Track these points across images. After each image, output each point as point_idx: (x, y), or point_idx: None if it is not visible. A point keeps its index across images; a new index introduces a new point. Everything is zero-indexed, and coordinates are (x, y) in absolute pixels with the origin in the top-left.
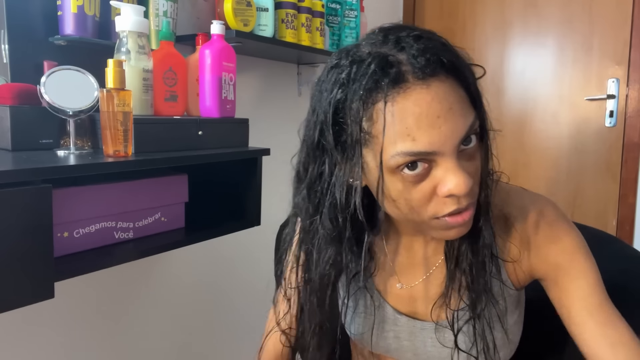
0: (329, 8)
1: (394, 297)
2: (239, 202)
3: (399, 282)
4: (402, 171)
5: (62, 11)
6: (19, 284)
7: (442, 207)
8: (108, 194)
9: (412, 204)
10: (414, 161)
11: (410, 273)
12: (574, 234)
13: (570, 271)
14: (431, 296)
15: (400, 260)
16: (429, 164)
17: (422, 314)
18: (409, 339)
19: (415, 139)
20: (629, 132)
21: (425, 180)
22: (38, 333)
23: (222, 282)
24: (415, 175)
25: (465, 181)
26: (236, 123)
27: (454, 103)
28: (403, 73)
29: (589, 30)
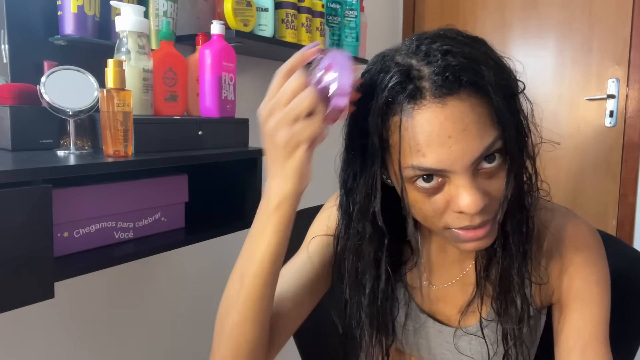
0: (329, 8)
1: (419, 294)
2: (239, 202)
3: (427, 280)
4: (416, 182)
5: (62, 11)
6: (19, 283)
7: (454, 221)
8: (108, 194)
9: (426, 214)
10: (429, 174)
11: (439, 274)
12: (600, 265)
13: (579, 299)
14: (455, 301)
15: (431, 260)
16: (443, 179)
17: (442, 316)
18: (426, 337)
19: (425, 156)
20: (629, 132)
21: (439, 193)
22: (38, 333)
23: (222, 282)
24: (429, 187)
25: (476, 201)
26: (236, 123)
27: (469, 124)
28: (421, 89)
29: (588, 31)
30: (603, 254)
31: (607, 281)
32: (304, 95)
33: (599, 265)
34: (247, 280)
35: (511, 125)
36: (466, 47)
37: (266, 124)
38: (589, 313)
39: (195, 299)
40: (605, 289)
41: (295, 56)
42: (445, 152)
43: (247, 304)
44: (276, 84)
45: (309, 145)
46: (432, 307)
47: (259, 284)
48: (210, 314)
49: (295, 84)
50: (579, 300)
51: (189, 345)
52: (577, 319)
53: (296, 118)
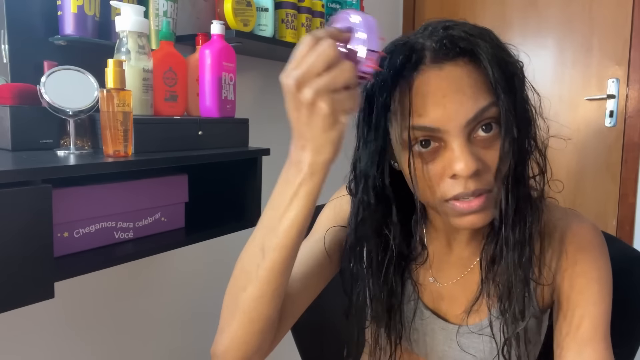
0: (329, 8)
1: (423, 290)
2: (239, 202)
3: (432, 277)
4: (415, 147)
5: (62, 11)
6: (19, 284)
7: (449, 188)
8: (108, 194)
9: (426, 183)
10: (426, 139)
11: (444, 270)
12: (601, 264)
13: (579, 297)
14: (460, 299)
15: (436, 256)
16: (439, 144)
17: (445, 314)
18: (429, 334)
19: (422, 115)
20: (629, 132)
21: (437, 159)
22: (38, 333)
23: (222, 282)
24: (426, 153)
25: (468, 162)
26: (236, 123)
27: (464, 86)
28: (422, 57)
29: (589, 31)
30: (606, 253)
31: (608, 280)
32: (344, 68)
33: (600, 263)
34: (270, 253)
35: (508, 97)
36: (468, 26)
37: (300, 93)
38: (589, 312)
39: (195, 298)
40: (607, 287)
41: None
42: (440, 111)
43: (268, 278)
44: (302, 51)
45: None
46: (437, 304)
47: (282, 256)
48: (210, 313)
49: (327, 52)
50: (580, 298)
51: (189, 345)
52: (577, 318)
53: (337, 89)
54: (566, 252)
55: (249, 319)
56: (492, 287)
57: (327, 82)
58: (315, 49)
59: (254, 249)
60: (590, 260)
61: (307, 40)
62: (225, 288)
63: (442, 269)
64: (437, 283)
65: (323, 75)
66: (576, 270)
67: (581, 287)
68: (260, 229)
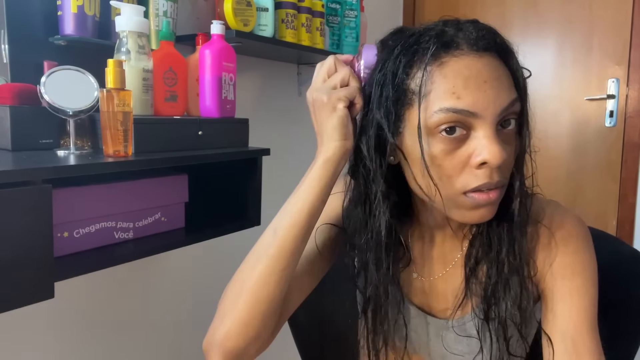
0: (329, 8)
1: (408, 286)
2: (239, 202)
3: (416, 272)
4: (440, 133)
5: (62, 11)
6: (19, 284)
7: (473, 178)
8: (108, 194)
9: (445, 173)
10: (452, 126)
11: (428, 266)
12: (586, 255)
13: (564, 290)
14: (444, 293)
15: (419, 252)
16: (467, 132)
17: (431, 309)
18: (415, 330)
19: (460, 98)
20: (629, 132)
21: (461, 148)
22: (38, 333)
23: (222, 282)
24: (453, 139)
25: (500, 151)
26: (236, 123)
27: (502, 76)
28: (458, 42)
29: (589, 31)
30: (590, 244)
31: (593, 271)
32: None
33: (585, 255)
34: (280, 232)
35: (526, 97)
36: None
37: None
38: (575, 304)
39: (195, 299)
40: (592, 279)
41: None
42: (480, 95)
43: (278, 256)
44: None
45: (346, 103)
46: (423, 300)
47: (293, 235)
48: (210, 313)
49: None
50: (565, 291)
51: (189, 345)
52: (560, 310)
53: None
54: (551, 245)
55: (255, 299)
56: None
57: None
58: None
59: (267, 232)
60: (575, 252)
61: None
62: (224, 288)
63: (425, 264)
64: (422, 278)
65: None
66: (561, 263)
67: (566, 280)
68: (277, 215)
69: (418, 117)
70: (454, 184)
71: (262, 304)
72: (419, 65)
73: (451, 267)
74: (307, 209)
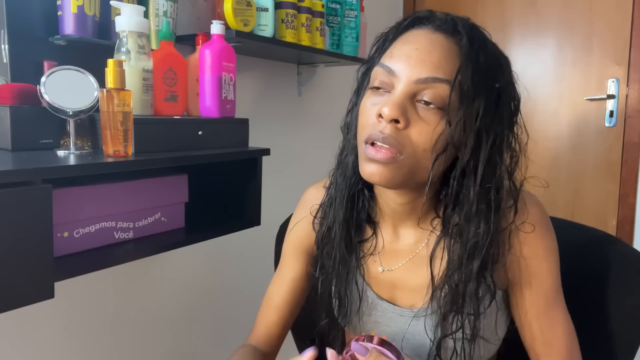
0: (329, 8)
1: (376, 282)
2: (239, 202)
3: (381, 266)
4: (370, 88)
5: (62, 11)
6: (19, 284)
7: (372, 128)
8: (108, 194)
9: (361, 122)
10: (380, 86)
11: (392, 257)
12: (549, 238)
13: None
14: (410, 283)
15: (384, 244)
16: (389, 92)
17: (400, 301)
18: (387, 324)
19: (392, 57)
20: (629, 132)
21: (378, 104)
22: (38, 333)
23: (222, 282)
24: (376, 95)
25: (392, 104)
26: (236, 123)
27: (438, 54)
28: (424, 21)
29: (589, 31)
30: (549, 226)
31: (555, 251)
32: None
33: (546, 238)
34: None
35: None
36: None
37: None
38: (541, 286)
39: (194, 299)
40: (554, 260)
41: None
42: (405, 58)
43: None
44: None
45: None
46: (390, 293)
47: None
48: (209, 313)
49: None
50: (533, 277)
51: (189, 345)
52: (529, 296)
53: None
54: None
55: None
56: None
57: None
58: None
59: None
60: (538, 238)
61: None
62: (224, 288)
63: (389, 256)
64: (386, 269)
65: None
66: (526, 252)
67: (533, 267)
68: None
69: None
70: (362, 133)
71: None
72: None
73: (414, 255)
74: None
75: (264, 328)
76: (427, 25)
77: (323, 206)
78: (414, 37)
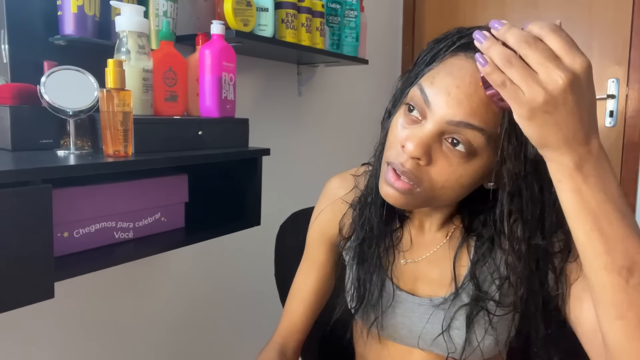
0: (329, 8)
1: (398, 273)
2: (239, 202)
3: (404, 259)
4: (404, 105)
5: (62, 11)
6: (19, 283)
7: (393, 154)
8: (108, 194)
9: (389, 140)
10: (413, 106)
11: (416, 250)
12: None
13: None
14: (432, 275)
15: (407, 238)
16: (421, 118)
17: (421, 291)
18: (405, 314)
19: (432, 84)
20: (629, 132)
21: (408, 128)
22: (38, 333)
23: (222, 282)
24: (408, 117)
25: (417, 143)
26: (236, 123)
27: (476, 97)
28: (473, 47)
29: (589, 30)
30: None
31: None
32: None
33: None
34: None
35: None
36: None
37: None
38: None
39: (194, 298)
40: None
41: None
42: (444, 93)
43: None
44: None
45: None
46: (411, 284)
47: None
48: (209, 313)
49: None
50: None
51: (189, 345)
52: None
53: None
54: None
55: None
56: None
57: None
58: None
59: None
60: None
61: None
62: (224, 288)
63: (412, 249)
64: (409, 261)
65: None
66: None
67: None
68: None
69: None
70: (387, 153)
71: None
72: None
73: (439, 248)
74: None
75: (289, 322)
76: (466, 50)
77: (362, 196)
78: (460, 70)
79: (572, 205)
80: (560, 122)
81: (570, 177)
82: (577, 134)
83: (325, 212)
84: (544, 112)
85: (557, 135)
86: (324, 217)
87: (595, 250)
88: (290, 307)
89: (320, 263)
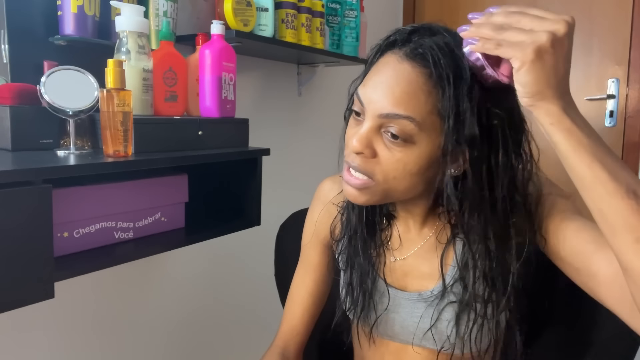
0: (329, 8)
1: (388, 271)
2: (239, 202)
3: (393, 257)
4: (353, 109)
5: (62, 11)
6: (19, 284)
7: (347, 154)
8: (108, 194)
9: (345, 144)
10: (357, 111)
11: (404, 246)
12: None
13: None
14: (421, 269)
15: (396, 236)
16: (363, 118)
17: (410, 286)
18: (396, 310)
19: (364, 87)
20: (629, 132)
21: (355, 129)
22: (38, 333)
23: (222, 282)
24: (355, 121)
25: (358, 138)
26: (236, 123)
27: (401, 88)
28: (398, 44)
29: (589, 30)
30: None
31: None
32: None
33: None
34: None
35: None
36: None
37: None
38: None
39: (195, 298)
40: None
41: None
42: (371, 90)
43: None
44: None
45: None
46: (401, 281)
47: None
48: (209, 313)
49: None
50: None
51: (189, 345)
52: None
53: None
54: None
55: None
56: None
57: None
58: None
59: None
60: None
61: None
62: (224, 288)
63: (401, 247)
64: (398, 258)
65: None
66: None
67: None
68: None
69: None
70: (345, 157)
71: None
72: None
73: (424, 242)
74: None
75: (289, 325)
76: (401, 50)
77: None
78: (385, 66)
79: (568, 143)
80: (556, 65)
81: (560, 120)
82: (564, 81)
83: (317, 215)
84: (545, 52)
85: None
86: (316, 219)
87: (601, 179)
88: (289, 311)
89: (315, 265)
